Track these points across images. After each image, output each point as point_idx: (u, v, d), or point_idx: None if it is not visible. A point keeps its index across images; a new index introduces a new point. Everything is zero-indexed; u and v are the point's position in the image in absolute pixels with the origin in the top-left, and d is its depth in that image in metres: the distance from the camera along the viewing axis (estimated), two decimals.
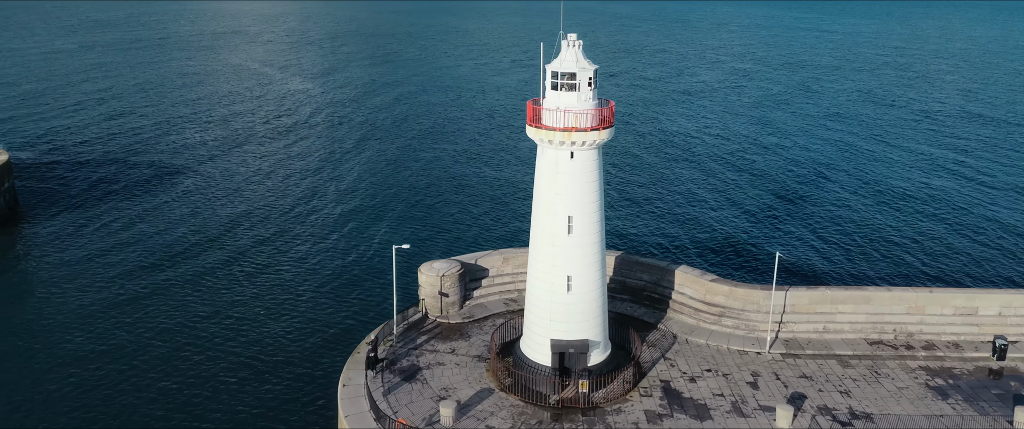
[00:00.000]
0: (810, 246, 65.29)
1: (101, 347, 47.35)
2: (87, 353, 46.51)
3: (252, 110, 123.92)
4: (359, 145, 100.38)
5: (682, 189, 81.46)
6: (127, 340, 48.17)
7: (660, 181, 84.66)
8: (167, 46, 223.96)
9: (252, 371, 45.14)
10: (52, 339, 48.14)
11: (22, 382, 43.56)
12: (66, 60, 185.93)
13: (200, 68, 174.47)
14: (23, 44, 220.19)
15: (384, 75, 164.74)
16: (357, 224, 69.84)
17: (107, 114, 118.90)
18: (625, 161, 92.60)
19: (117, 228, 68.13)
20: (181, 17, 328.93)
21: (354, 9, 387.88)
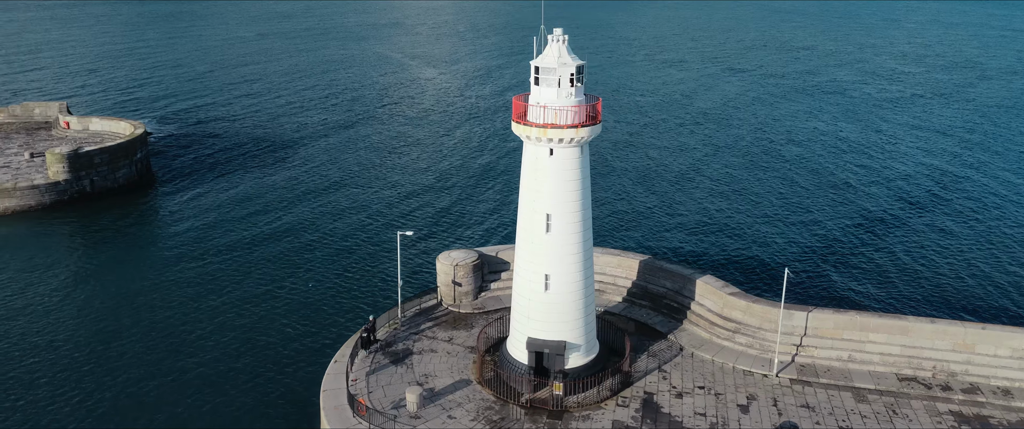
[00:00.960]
0: (843, 263, 59.68)
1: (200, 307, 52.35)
2: (194, 314, 50.99)
3: (377, 96, 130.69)
4: (462, 133, 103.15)
5: (721, 193, 76.98)
6: (209, 307, 52.84)
7: (698, 184, 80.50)
8: (327, 36, 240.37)
9: (288, 340, 48.13)
10: (163, 298, 53.33)
11: (142, 335, 48.27)
12: (238, 46, 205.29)
13: (346, 56, 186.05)
14: (209, 32, 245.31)
15: (505, 66, 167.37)
16: (407, 211, 72.15)
17: (249, 94, 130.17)
18: (660, 163, 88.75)
19: (232, 201, 73.67)
20: (351, 10, 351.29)
21: (511, 3, 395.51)
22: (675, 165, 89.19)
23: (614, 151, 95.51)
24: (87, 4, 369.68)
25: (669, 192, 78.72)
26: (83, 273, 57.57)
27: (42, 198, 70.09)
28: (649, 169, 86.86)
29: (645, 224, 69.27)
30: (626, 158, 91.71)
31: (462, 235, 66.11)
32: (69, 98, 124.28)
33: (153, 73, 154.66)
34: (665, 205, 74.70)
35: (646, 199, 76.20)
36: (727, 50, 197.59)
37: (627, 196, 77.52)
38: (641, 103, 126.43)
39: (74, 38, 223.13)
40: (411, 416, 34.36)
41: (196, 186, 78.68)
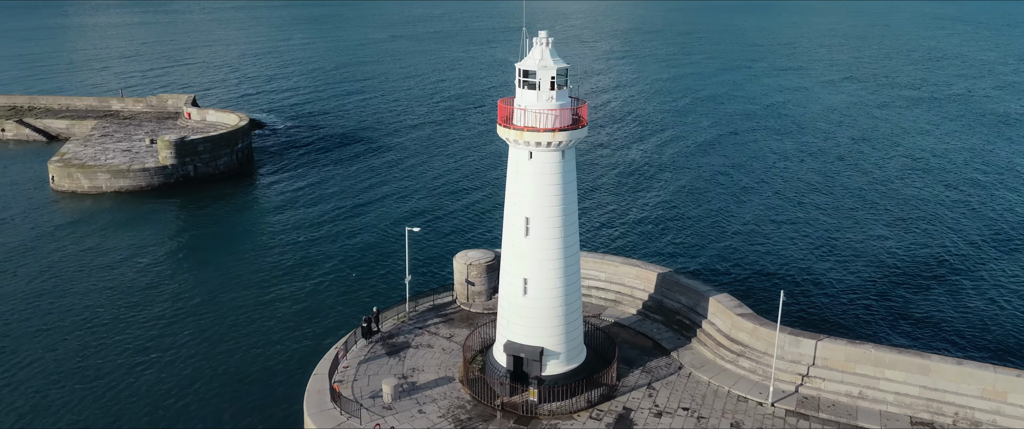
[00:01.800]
0: (864, 288, 54.22)
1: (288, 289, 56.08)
2: (281, 294, 54.65)
3: (478, 97, 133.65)
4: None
5: (759, 208, 72.09)
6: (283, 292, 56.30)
7: (736, 197, 75.74)
8: (452, 38, 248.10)
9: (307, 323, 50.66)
10: (253, 280, 57.27)
11: (233, 310, 52.57)
12: (369, 48, 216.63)
13: (461, 58, 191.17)
14: (347, 33, 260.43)
15: (625, 71, 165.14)
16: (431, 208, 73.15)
17: (363, 92, 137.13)
18: (701, 174, 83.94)
19: (321, 194, 77.73)
20: (486, 13, 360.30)
21: (645, 8, 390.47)
22: (713, 175, 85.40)
23: (650, 159, 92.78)
24: (249, 7, 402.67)
25: (707, 202, 75.62)
26: (171, 251, 63.14)
27: (152, 180, 77.75)
28: (691, 180, 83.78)
29: (674, 234, 67.00)
30: (665, 167, 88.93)
31: (490, 236, 66.61)
32: (204, 91, 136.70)
33: (284, 70, 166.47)
34: (700, 216, 71.82)
35: (682, 209, 73.72)
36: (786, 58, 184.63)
37: (661, 205, 75.39)
38: (691, 110, 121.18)
39: (224, 38, 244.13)
40: (384, 407, 35.32)
41: (291, 177, 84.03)
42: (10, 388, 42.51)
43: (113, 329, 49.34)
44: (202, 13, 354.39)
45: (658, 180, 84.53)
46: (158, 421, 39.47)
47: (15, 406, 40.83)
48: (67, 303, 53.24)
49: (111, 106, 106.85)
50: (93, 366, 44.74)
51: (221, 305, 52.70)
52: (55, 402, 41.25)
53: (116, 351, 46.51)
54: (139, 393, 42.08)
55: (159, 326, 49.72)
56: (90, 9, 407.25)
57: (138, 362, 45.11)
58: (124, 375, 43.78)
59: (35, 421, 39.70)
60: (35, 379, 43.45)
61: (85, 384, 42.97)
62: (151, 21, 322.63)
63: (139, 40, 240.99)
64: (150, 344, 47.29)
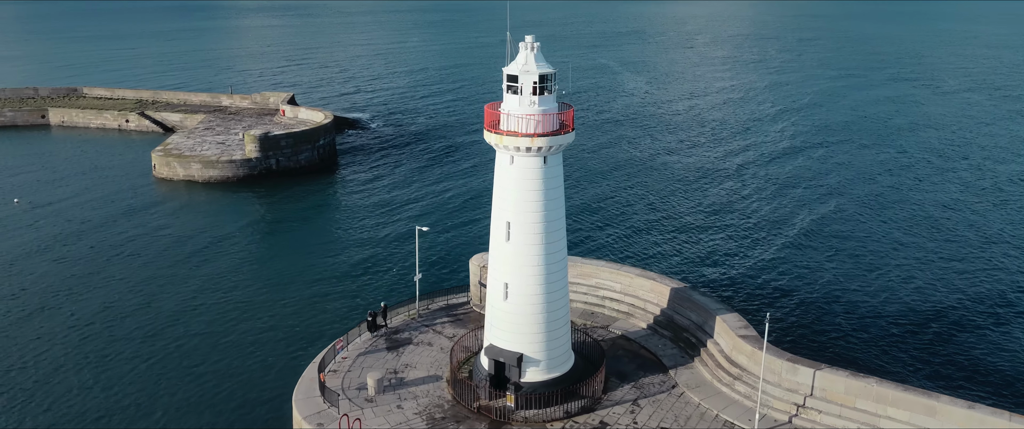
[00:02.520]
0: (874, 317, 49.17)
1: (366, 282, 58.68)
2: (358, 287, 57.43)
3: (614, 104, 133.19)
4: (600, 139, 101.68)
5: (788, 216, 66.76)
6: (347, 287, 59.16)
7: (772, 207, 70.62)
8: (562, 42, 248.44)
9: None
10: (336, 270, 60.28)
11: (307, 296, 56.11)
12: (475, 52, 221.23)
13: (600, 63, 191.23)
14: (459, 37, 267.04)
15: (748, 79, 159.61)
16: None
17: (450, 94, 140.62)
18: (739, 180, 78.53)
19: (394, 194, 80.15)
20: (606, 17, 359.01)
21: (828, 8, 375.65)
22: (770, 187, 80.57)
23: (710, 166, 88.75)
24: (378, 10, 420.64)
25: (752, 214, 71.89)
26: (241, 239, 67.32)
27: (237, 171, 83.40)
28: (749, 190, 79.87)
29: (705, 246, 64.32)
30: (724, 175, 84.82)
31: None
32: (310, 90, 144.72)
33: (390, 72, 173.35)
34: (740, 228, 68.40)
35: (724, 220, 70.52)
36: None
37: (705, 214, 72.48)
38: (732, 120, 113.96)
39: (343, 41, 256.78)
40: (366, 399, 36.33)
41: (370, 175, 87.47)
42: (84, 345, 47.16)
43: (165, 306, 53.44)
44: (330, 16, 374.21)
45: (712, 187, 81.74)
46: (194, 399, 42.32)
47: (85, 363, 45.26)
48: (135, 279, 58.20)
49: (221, 102, 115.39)
50: (143, 338, 48.82)
51: (276, 293, 55.63)
52: (115, 374, 45.29)
53: (171, 327, 50.43)
54: (190, 372, 45.50)
55: (209, 307, 53.40)
56: (229, 12, 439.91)
57: (189, 342, 48.75)
58: (176, 355, 47.34)
59: (124, 387, 43.67)
60: (107, 345, 47.94)
61: (143, 360, 46.92)
62: (278, 24, 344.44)
63: (263, 42, 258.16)
64: (202, 328, 50.86)
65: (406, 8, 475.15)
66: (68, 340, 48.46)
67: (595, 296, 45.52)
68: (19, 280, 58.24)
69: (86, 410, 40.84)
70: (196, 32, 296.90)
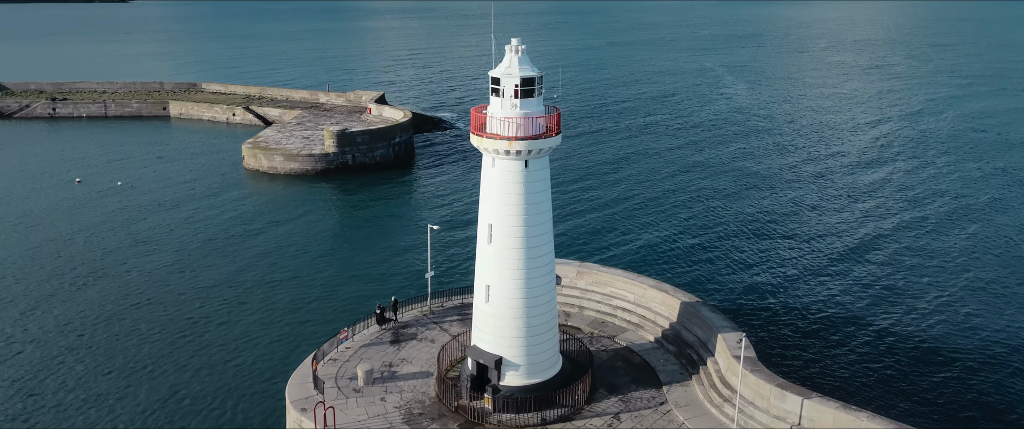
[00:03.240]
0: (875, 344, 44.82)
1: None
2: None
3: (652, 105, 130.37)
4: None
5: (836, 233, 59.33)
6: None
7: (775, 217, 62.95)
8: (672, 45, 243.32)
9: None
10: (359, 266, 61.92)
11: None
12: (579, 54, 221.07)
13: (670, 67, 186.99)
14: (564, 40, 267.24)
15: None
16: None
17: (551, 99, 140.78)
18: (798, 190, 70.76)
19: (463, 195, 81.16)
20: (714, 20, 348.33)
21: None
22: (826, 200, 74.69)
23: (775, 173, 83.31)
24: (486, 15, 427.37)
25: (808, 226, 66.87)
26: (310, 229, 70.67)
27: (316, 165, 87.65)
28: (753, 203, 74.55)
29: (729, 261, 60.93)
30: (784, 184, 79.58)
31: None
32: (401, 90, 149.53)
33: (485, 71, 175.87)
34: (771, 243, 64.16)
35: (754, 234, 66.50)
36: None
37: (732, 226, 68.90)
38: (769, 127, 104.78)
39: (449, 42, 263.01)
40: (354, 389, 37.39)
41: (443, 173, 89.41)
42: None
43: (223, 290, 57.13)
44: (443, 19, 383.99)
45: (768, 198, 77.79)
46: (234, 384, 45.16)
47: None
48: (191, 255, 62.71)
49: (318, 99, 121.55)
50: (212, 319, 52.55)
51: (314, 280, 58.39)
52: (183, 351, 49.13)
53: (228, 312, 54.02)
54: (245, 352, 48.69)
55: (246, 288, 56.51)
56: (358, 15, 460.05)
57: (217, 319, 52.06)
58: (238, 339, 50.60)
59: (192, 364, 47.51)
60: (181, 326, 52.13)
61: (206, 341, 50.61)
62: (397, 26, 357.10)
63: (376, 43, 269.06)
64: (253, 317, 54.17)
65: (525, 10, 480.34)
66: (108, 309, 52.90)
67: (608, 305, 44.59)
68: (88, 251, 64.01)
69: (134, 379, 44.44)
70: (319, 33, 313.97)
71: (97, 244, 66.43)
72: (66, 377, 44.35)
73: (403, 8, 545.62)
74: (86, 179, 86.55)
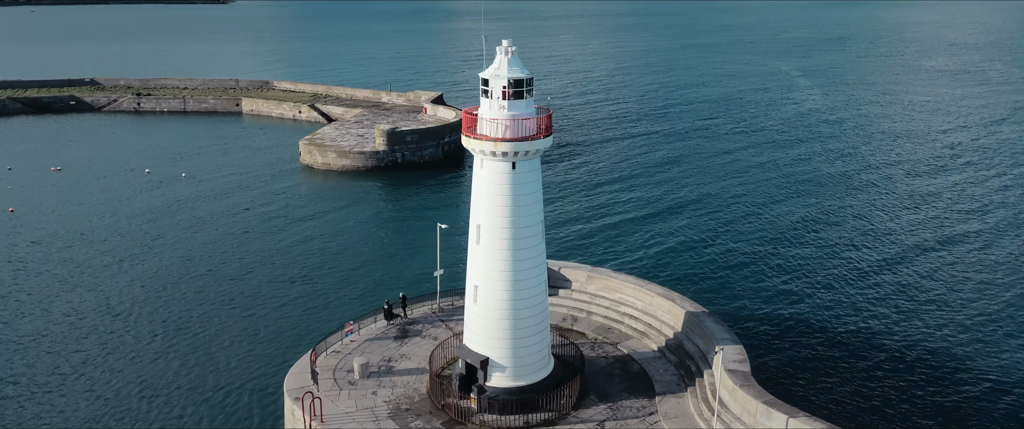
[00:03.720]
0: (879, 373, 39.02)
1: None
2: None
3: (717, 112, 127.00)
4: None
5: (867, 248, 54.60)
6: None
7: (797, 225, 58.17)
8: (750, 48, 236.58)
9: None
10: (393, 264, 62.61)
11: None
12: (651, 56, 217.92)
13: (743, 71, 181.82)
14: (639, 42, 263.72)
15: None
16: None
17: (609, 100, 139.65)
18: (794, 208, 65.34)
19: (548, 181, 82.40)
20: (800, 24, 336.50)
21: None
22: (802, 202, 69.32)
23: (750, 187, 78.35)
24: (572, 15, 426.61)
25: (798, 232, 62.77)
26: (355, 223, 72.46)
27: (366, 162, 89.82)
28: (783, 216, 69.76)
29: (753, 270, 58.38)
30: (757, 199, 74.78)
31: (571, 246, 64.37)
32: (466, 90, 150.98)
33: (559, 73, 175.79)
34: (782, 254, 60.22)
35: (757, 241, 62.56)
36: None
37: (767, 233, 66.19)
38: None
39: (529, 44, 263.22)
40: (349, 382, 38.18)
41: None
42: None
43: (241, 280, 59.18)
44: (522, 21, 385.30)
45: (803, 209, 74.32)
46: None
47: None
48: (228, 240, 65.57)
49: (380, 98, 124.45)
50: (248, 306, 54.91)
51: (349, 277, 59.87)
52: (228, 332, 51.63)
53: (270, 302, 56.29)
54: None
55: (273, 275, 58.42)
56: (443, 16, 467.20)
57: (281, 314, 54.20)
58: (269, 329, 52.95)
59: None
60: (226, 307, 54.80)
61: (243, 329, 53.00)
62: (473, 28, 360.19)
63: (448, 43, 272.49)
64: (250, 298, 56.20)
65: (606, 11, 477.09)
66: (135, 292, 55.74)
67: (616, 312, 43.92)
68: (136, 234, 67.53)
69: (186, 356, 46.88)
70: (396, 33, 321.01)
71: (144, 229, 70.23)
72: (114, 344, 47.20)
73: (490, 9, 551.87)
74: (155, 170, 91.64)
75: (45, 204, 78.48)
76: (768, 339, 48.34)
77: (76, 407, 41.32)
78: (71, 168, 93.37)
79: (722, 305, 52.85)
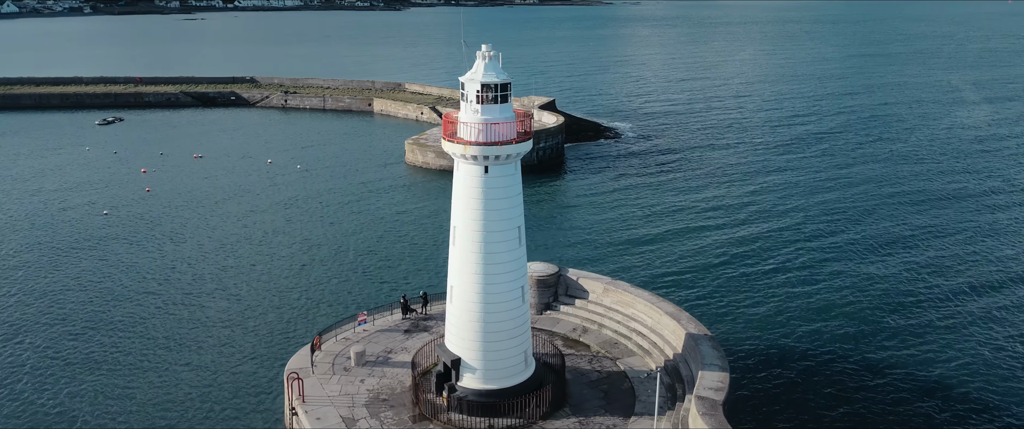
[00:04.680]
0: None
1: None
2: None
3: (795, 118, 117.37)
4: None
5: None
6: None
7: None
8: (916, 61, 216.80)
9: None
10: None
11: None
12: (830, 64, 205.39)
13: (897, 81, 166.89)
14: (805, 50, 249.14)
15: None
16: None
17: (744, 109, 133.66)
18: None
19: (605, 207, 79.48)
20: (981, 33, 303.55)
21: None
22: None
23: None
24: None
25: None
26: (419, 218, 75.33)
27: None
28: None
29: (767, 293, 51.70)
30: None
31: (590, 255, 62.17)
32: (586, 97, 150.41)
33: (692, 83, 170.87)
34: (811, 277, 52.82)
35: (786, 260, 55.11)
36: None
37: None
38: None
39: (615, 54, 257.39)
40: (344, 369, 39.96)
41: (574, 183, 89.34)
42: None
43: (288, 262, 63.16)
44: (686, 27, 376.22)
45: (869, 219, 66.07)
46: None
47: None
48: (309, 228, 69.96)
49: None
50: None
51: (391, 269, 62.11)
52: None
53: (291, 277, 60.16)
54: None
55: (341, 266, 61.75)
56: (607, 23, 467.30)
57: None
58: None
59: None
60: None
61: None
62: (646, 34, 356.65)
63: (592, 49, 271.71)
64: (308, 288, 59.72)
65: (781, 17, 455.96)
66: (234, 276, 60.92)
67: (627, 327, 42.60)
68: (233, 217, 73.91)
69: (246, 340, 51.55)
70: (546, 40, 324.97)
71: (241, 210, 77.18)
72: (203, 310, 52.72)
73: (660, 14, 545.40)
74: (276, 161, 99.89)
75: (176, 187, 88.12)
76: (772, 372, 44.68)
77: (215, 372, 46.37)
78: (211, 156, 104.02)
79: (731, 329, 49.56)
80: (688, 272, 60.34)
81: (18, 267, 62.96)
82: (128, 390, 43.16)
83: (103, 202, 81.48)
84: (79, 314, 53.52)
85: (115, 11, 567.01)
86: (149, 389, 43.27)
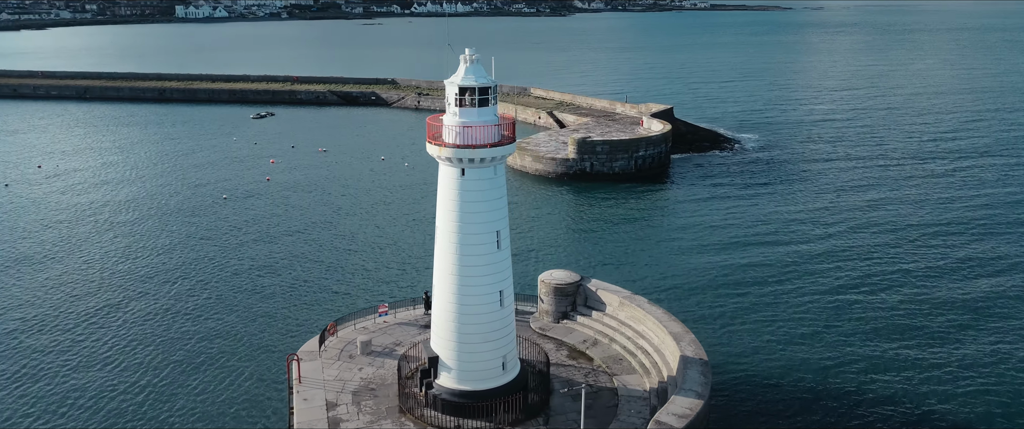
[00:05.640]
0: None
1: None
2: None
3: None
4: None
5: None
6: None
7: None
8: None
9: None
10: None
11: None
12: (892, 75, 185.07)
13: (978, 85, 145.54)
14: (903, 56, 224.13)
15: None
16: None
17: (857, 120, 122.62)
18: None
19: (731, 210, 77.95)
20: None
21: None
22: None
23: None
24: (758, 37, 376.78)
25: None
26: (524, 227, 76.24)
27: (556, 168, 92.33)
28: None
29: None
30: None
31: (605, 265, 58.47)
32: (709, 104, 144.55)
33: (823, 100, 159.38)
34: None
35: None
36: None
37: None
38: None
39: (771, 60, 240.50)
40: (349, 355, 41.66)
41: (672, 194, 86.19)
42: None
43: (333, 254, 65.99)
44: (820, 34, 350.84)
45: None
46: None
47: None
48: (371, 229, 72.80)
49: (615, 109, 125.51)
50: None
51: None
52: None
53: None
54: None
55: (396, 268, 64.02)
56: (763, 28, 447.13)
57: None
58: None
59: None
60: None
61: None
62: (769, 41, 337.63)
63: (732, 56, 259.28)
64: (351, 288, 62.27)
65: (838, 21, 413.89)
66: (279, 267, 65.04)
67: (634, 343, 41.04)
68: (309, 209, 78.53)
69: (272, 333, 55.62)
70: (685, 46, 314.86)
71: (337, 201, 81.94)
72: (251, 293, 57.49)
73: (841, 19, 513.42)
74: (388, 157, 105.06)
75: (291, 177, 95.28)
76: (753, 399, 40.73)
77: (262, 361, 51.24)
78: (334, 150, 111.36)
79: (735, 358, 45.56)
80: (761, 299, 56.72)
81: (128, 234, 71.54)
82: (192, 350, 47.96)
83: (224, 187, 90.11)
84: (173, 289, 59.93)
85: (307, 16, 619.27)
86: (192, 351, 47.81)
